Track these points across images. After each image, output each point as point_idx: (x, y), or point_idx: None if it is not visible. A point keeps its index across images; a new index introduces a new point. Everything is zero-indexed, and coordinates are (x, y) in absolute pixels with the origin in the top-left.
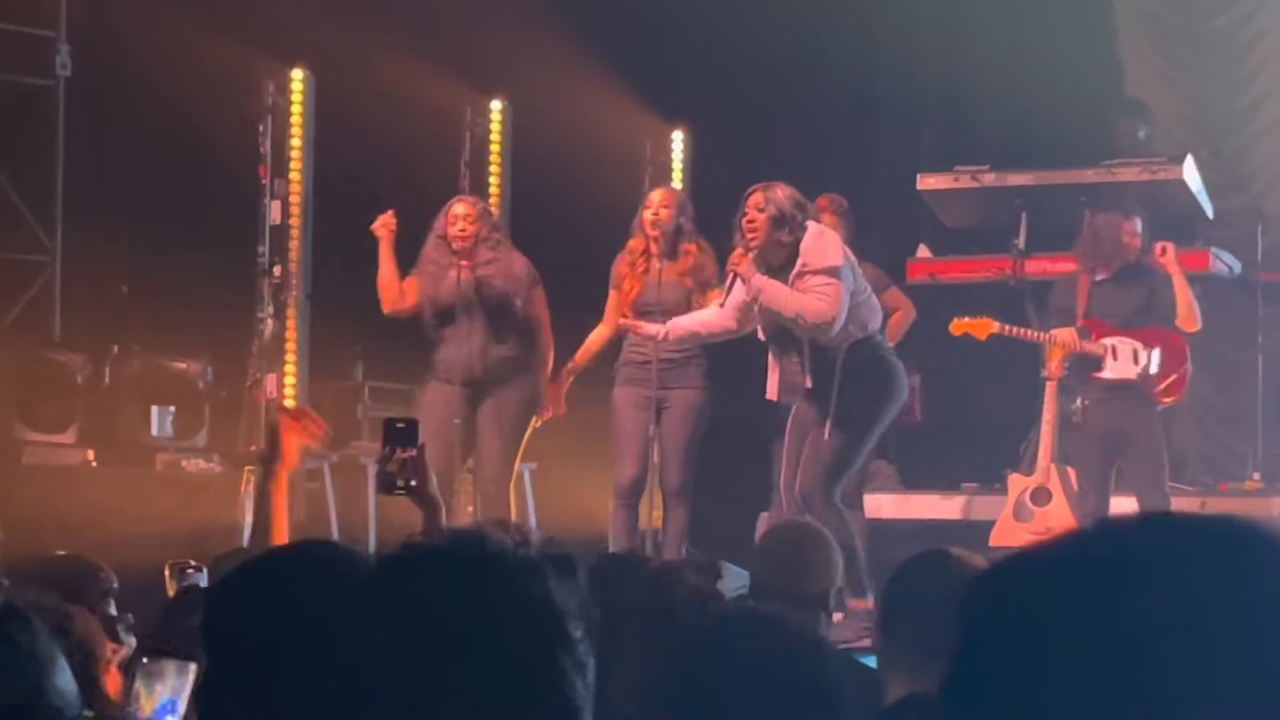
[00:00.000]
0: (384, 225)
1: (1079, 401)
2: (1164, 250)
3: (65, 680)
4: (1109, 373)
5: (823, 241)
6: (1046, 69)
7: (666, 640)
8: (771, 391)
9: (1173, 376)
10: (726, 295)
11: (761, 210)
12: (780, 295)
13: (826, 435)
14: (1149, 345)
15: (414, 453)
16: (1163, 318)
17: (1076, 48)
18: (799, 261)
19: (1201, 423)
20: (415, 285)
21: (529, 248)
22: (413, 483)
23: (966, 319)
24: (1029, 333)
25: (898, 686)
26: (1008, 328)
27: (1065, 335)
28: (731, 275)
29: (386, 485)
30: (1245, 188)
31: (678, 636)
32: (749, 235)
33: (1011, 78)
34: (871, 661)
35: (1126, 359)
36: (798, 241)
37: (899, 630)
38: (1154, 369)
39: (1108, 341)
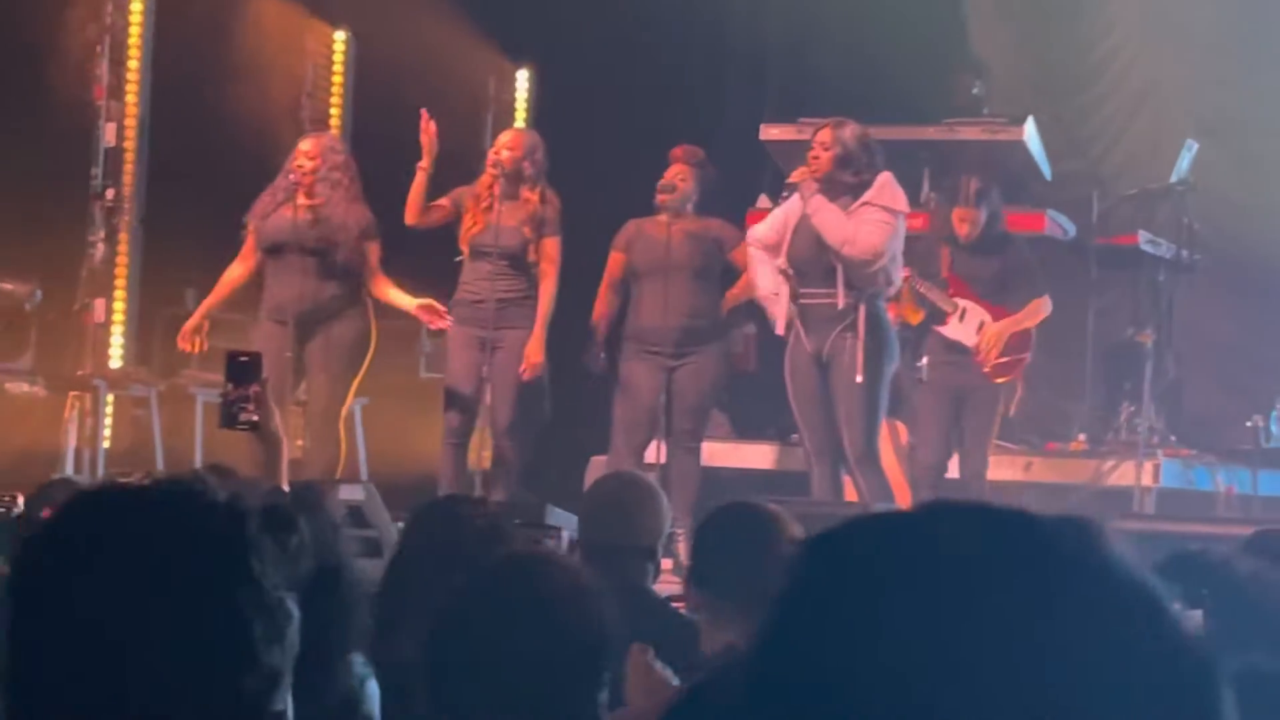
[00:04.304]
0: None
1: (925, 359)
2: None
3: None
4: (949, 331)
5: (892, 187)
6: (893, 24)
7: (446, 589)
8: (780, 327)
9: (1008, 359)
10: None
11: (827, 149)
12: (833, 218)
13: (861, 381)
14: (997, 321)
15: (257, 388)
16: (1020, 292)
17: (924, 3)
18: (864, 197)
19: (1030, 383)
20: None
21: (367, 182)
22: (255, 418)
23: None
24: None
25: (715, 636)
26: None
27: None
28: (789, 188)
29: (228, 420)
30: (1083, 152)
31: (455, 585)
32: (812, 168)
33: (859, 31)
34: None
35: (971, 325)
36: (862, 184)
37: (709, 582)
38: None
39: (960, 301)
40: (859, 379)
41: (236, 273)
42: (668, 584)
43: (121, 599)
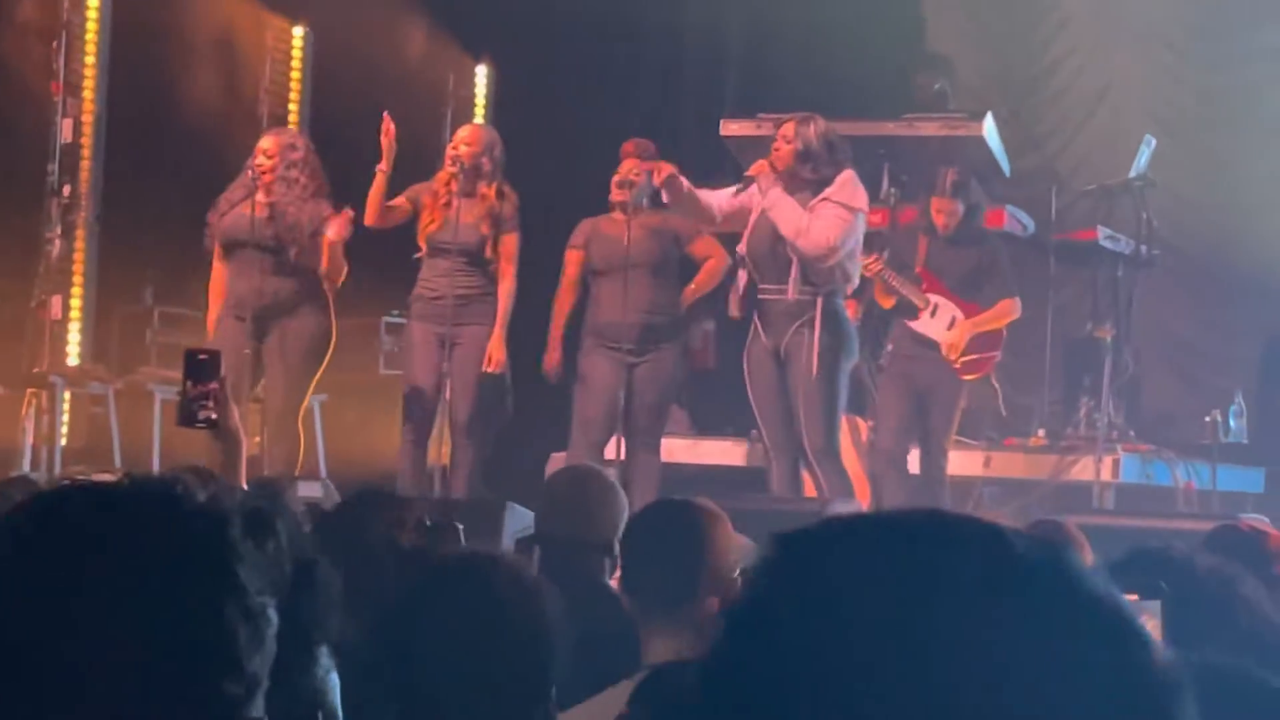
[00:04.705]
0: None
1: (890, 346)
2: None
3: None
4: (920, 326)
5: (853, 184)
6: (852, 20)
7: (389, 586)
8: (734, 309)
9: (975, 356)
10: (736, 194)
11: (789, 142)
12: (788, 211)
13: (818, 377)
14: (969, 318)
15: (215, 385)
16: (991, 289)
17: (882, 1)
18: (824, 193)
19: (997, 379)
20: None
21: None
22: (213, 416)
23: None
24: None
25: (653, 641)
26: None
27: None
28: (746, 181)
29: (187, 418)
30: (1041, 148)
31: (397, 583)
32: (773, 159)
33: (818, 27)
34: None
35: (941, 321)
36: (822, 180)
37: (641, 583)
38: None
39: (933, 297)
40: (815, 374)
41: (221, 276)
42: None
43: (103, 603)
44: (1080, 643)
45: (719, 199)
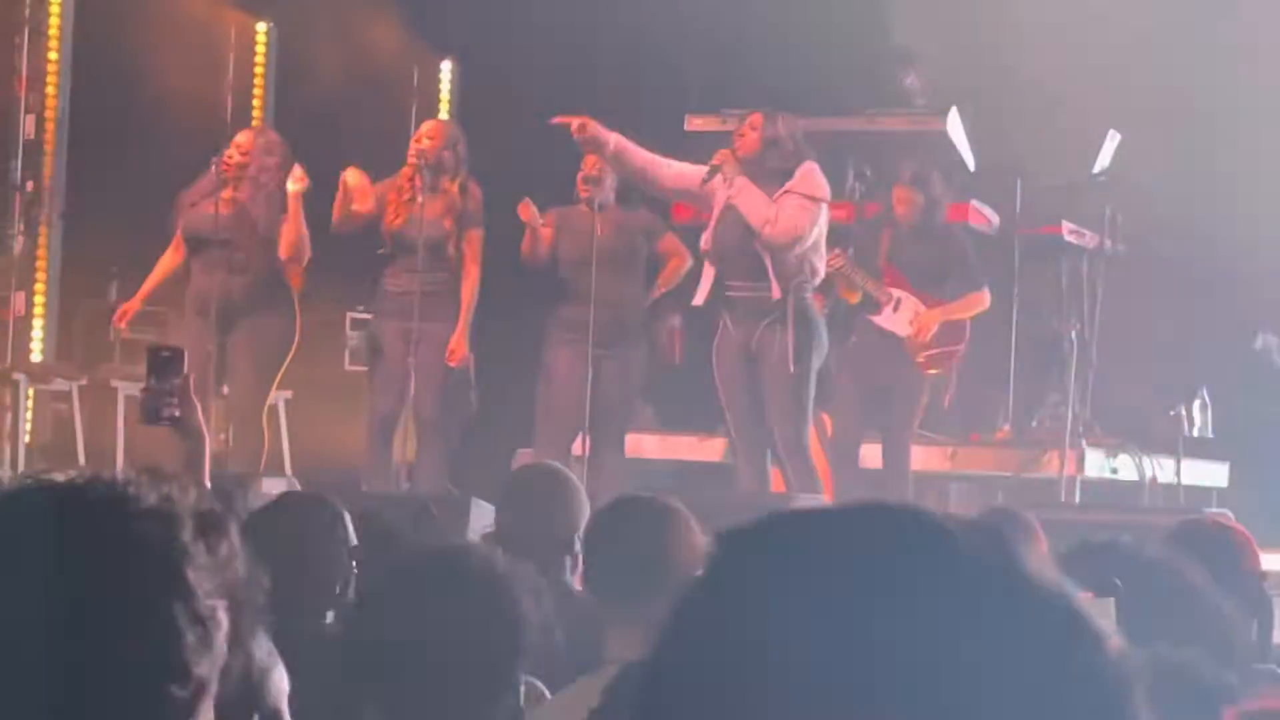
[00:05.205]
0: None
1: (852, 339)
2: None
3: None
4: (882, 321)
5: (816, 176)
6: (817, 15)
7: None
8: (699, 297)
9: (939, 350)
10: (703, 183)
11: (755, 130)
12: (756, 200)
13: (791, 373)
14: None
15: (179, 382)
16: (957, 282)
17: None
18: (787, 185)
19: (956, 373)
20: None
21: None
22: (177, 413)
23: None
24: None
25: (614, 636)
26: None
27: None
28: (712, 170)
29: (151, 415)
30: (1006, 142)
31: (371, 577)
32: (737, 147)
33: (783, 23)
34: None
35: (904, 316)
36: (785, 172)
37: (603, 581)
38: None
39: (896, 292)
40: (789, 370)
41: (169, 261)
42: None
43: (52, 603)
44: (1024, 634)
45: (675, 167)
